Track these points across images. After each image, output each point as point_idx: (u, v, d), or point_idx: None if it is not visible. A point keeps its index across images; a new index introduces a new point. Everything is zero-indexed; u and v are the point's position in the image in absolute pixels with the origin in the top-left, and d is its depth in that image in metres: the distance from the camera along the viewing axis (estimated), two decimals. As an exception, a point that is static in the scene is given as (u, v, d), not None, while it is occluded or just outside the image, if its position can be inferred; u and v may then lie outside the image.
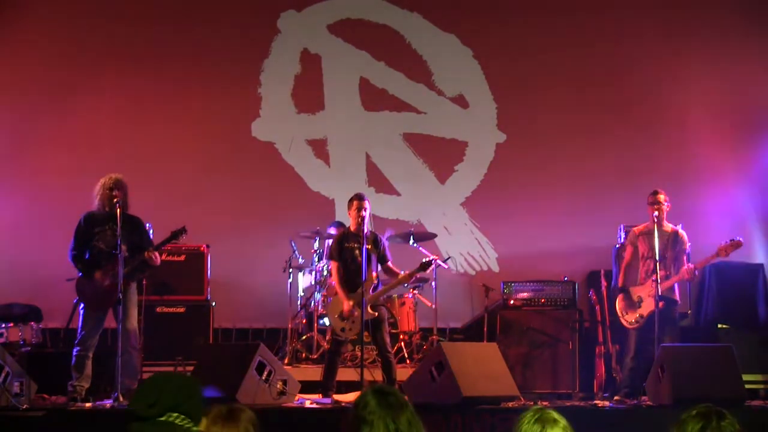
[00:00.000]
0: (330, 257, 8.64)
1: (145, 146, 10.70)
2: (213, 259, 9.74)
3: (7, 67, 10.75)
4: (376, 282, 8.36)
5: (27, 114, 10.69)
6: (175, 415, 3.45)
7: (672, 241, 8.56)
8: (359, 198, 8.36)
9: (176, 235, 7.99)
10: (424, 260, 8.35)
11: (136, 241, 7.96)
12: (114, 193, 7.87)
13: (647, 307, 8.42)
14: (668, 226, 8.58)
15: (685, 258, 8.59)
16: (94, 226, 7.95)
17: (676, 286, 8.56)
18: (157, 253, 7.92)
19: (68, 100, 10.74)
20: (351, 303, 8.22)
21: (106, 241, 7.83)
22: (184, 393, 3.50)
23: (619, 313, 8.64)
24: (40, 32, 10.86)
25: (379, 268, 8.42)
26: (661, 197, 8.53)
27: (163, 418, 3.44)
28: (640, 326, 8.47)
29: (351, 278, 8.34)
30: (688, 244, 8.68)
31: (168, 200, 10.30)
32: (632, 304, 8.54)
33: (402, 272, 8.31)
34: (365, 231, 8.26)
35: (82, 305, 8.00)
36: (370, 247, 8.23)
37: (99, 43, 10.85)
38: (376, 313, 8.17)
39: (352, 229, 8.39)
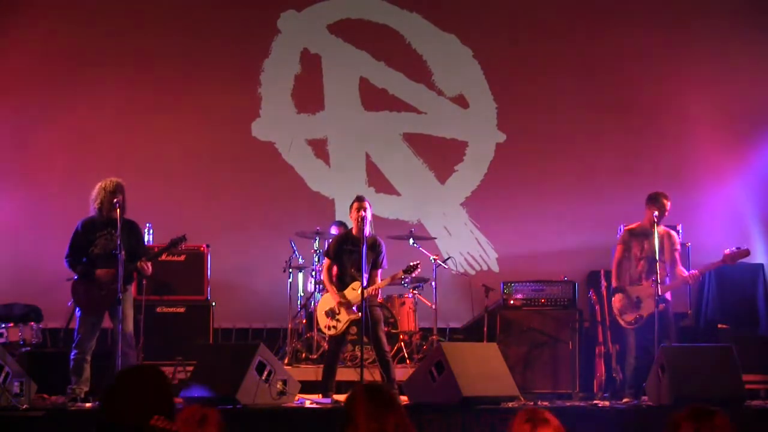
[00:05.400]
0: (326, 254, 8.66)
1: (145, 146, 10.70)
2: (213, 259, 9.72)
3: (6, 67, 10.74)
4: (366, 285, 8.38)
5: (27, 114, 10.69)
6: (157, 417, 3.31)
7: (666, 242, 8.58)
8: (358, 200, 8.42)
9: (175, 243, 8.01)
10: (410, 264, 8.40)
11: (133, 245, 7.97)
12: (116, 198, 7.87)
13: (647, 308, 8.42)
14: (660, 228, 8.59)
15: (677, 255, 8.62)
16: (94, 231, 7.93)
17: (671, 285, 8.62)
18: (150, 264, 7.92)
19: (68, 100, 10.74)
20: (338, 299, 8.29)
21: (104, 246, 7.83)
22: (163, 394, 3.40)
23: (617, 313, 8.64)
24: (38, 32, 10.85)
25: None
26: (668, 203, 8.53)
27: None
28: (640, 326, 8.47)
29: (341, 279, 8.43)
30: (680, 244, 8.72)
31: (168, 200, 10.30)
32: (631, 304, 8.55)
33: (380, 280, 8.39)
34: (366, 233, 8.28)
35: (77, 309, 8.00)
36: (368, 250, 8.26)
37: (98, 43, 10.84)
38: (359, 314, 8.18)
39: (353, 231, 8.41)
